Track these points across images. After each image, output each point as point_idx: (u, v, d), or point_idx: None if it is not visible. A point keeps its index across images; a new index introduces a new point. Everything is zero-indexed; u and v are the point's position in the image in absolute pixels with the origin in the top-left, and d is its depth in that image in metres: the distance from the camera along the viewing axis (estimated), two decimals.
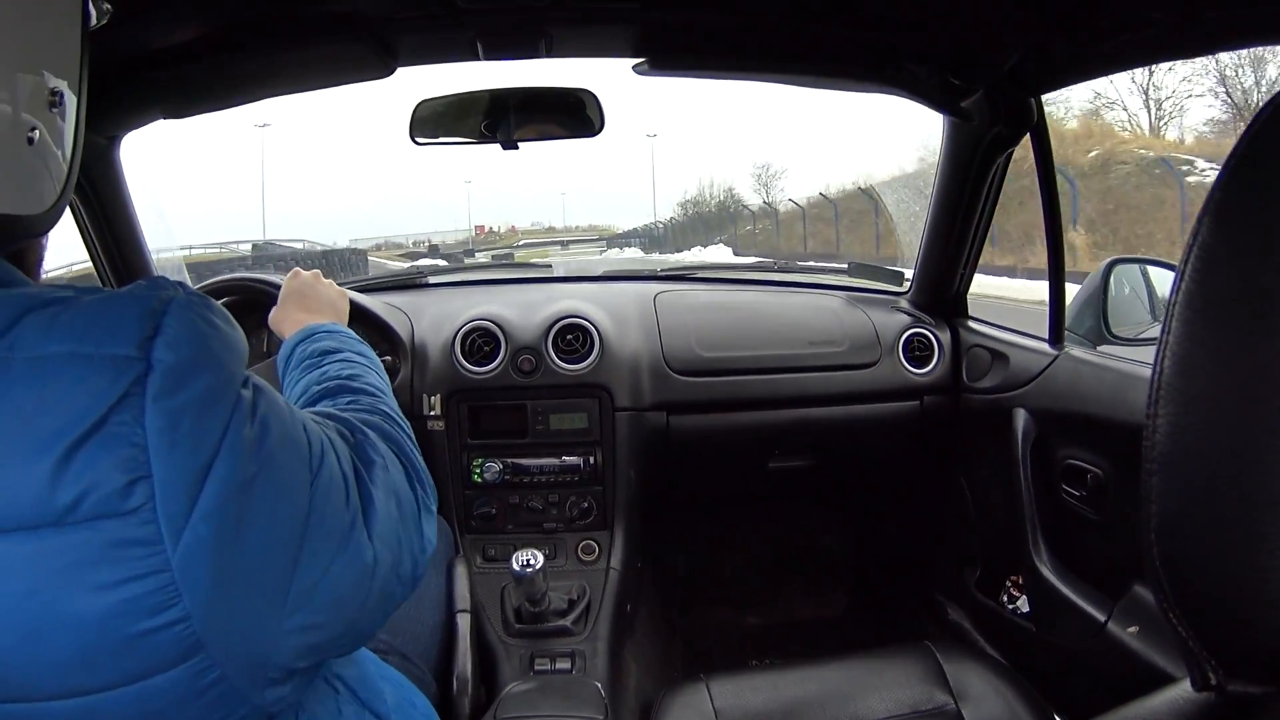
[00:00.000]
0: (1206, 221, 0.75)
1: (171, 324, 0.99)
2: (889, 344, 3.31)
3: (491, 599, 2.89)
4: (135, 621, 0.95)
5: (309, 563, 1.08)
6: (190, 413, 0.98)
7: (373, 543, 1.18)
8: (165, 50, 2.34)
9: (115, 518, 0.93)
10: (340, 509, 1.15)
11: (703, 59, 2.64)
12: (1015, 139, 2.81)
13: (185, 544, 0.96)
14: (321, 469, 1.13)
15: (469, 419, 3.10)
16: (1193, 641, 0.79)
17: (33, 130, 1.08)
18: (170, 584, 0.95)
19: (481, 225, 63.99)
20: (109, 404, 0.93)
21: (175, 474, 0.96)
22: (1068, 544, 2.82)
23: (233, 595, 1.01)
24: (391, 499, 1.27)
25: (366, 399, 1.58)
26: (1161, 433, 0.77)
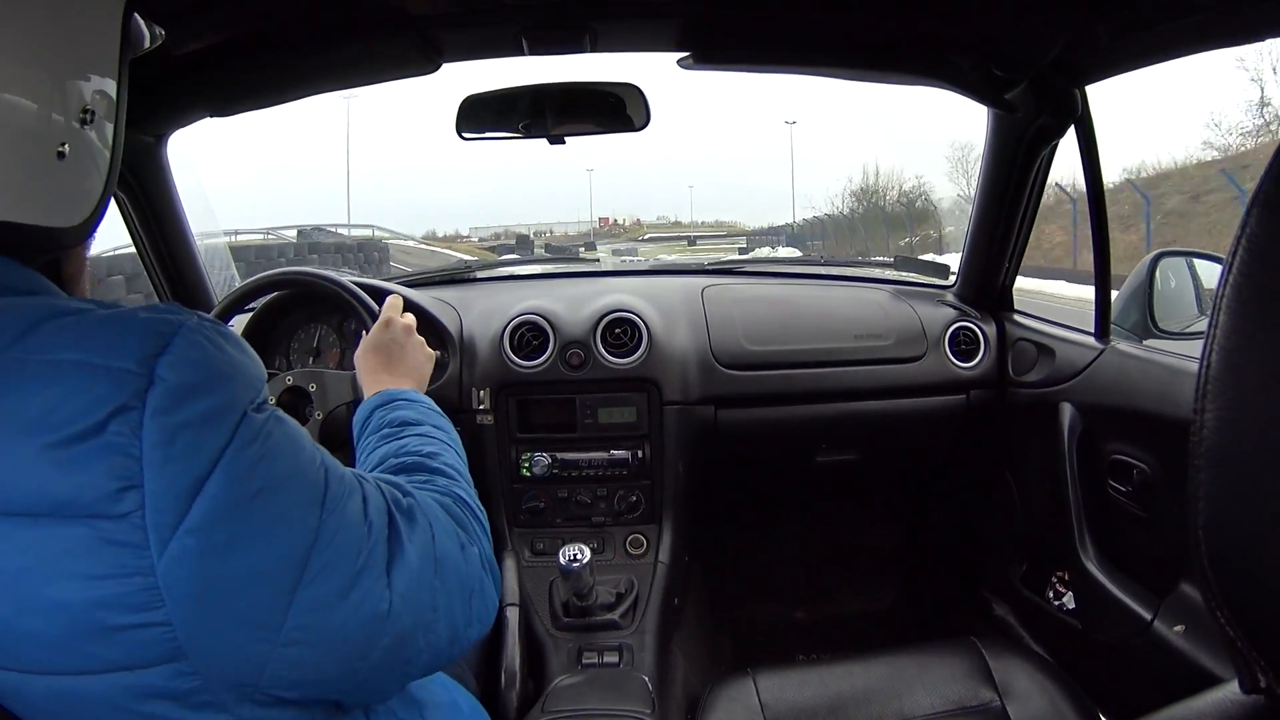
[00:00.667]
0: (1255, 213, 0.74)
1: (179, 344, 1.03)
2: (935, 337, 3.29)
3: (540, 592, 2.91)
4: (116, 614, 0.99)
5: (307, 597, 1.09)
6: (188, 431, 1.01)
7: (391, 594, 1.18)
8: (212, 50, 2.36)
9: (107, 518, 0.98)
10: (351, 552, 1.14)
11: (746, 53, 2.63)
12: (1060, 130, 2.78)
13: (171, 553, 0.99)
14: (336, 509, 1.14)
15: (518, 413, 3.11)
16: (1241, 642, 0.78)
17: (62, 145, 1.11)
18: (153, 587, 0.99)
19: (605, 217, 63.53)
20: (107, 412, 0.97)
21: (166, 487, 0.99)
22: (1114, 540, 2.80)
23: (218, 612, 1.04)
24: (430, 563, 1.26)
25: (442, 480, 1.56)
26: (1209, 429, 0.76)
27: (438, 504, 1.40)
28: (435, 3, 2.35)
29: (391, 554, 1.20)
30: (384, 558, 1.18)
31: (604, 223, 62.45)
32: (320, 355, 3.02)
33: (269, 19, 2.31)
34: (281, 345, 2.92)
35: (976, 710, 2.27)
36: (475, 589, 1.38)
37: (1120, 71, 2.51)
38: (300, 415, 2.46)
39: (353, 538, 1.15)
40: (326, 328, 3.02)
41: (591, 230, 60.18)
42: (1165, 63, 2.34)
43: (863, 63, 2.66)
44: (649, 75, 2.93)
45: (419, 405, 1.85)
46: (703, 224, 63.71)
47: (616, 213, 63.99)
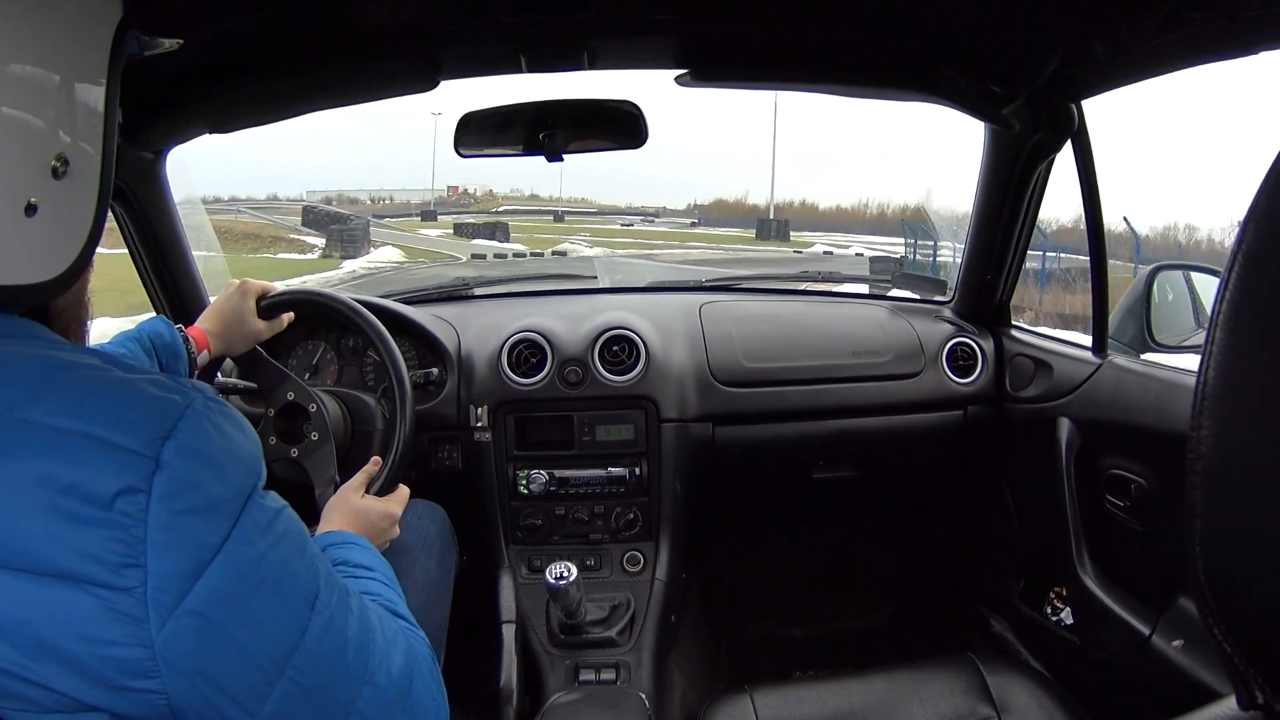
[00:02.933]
0: (1251, 228, 0.74)
1: (185, 429, 1.06)
2: (933, 354, 3.30)
3: (537, 610, 2.90)
4: (121, 677, 1.02)
5: (284, 690, 1.13)
6: (192, 518, 1.04)
7: (359, 708, 1.22)
8: (211, 67, 2.36)
9: (109, 589, 1.00)
10: (331, 658, 1.19)
11: (744, 70, 2.64)
12: (1057, 146, 2.79)
13: (169, 630, 1.02)
14: (324, 614, 1.19)
15: (515, 430, 3.11)
16: (1238, 658, 0.78)
17: (31, 199, 1.10)
18: (152, 659, 1.02)
19: (455, 186, 62.10)
20: (114, 491, 1.00)
21: (168, 569, 1.02)
22: (1111, 555, 2.80)
23: (207, 689, 1.07)
24: (405, 696, 1.32)
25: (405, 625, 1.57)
26: (1206, 445, 0.76)
27: (421, 654, 1.44)
28: (434, 21, 2.35)
29: (369, 672, 1.24)
30: (361, 674, 1.23)
31: (454, 191, 61.28)
32: (319, 372, 3.03)
33: (267, 36, 2.32)
34: (280, 360, 2.92)
35: None
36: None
37: (1117, 86, 2.52)
38: (297, 432, 2.47)
39: (333, 646, 1.19)
40: (325, 345, 3.03)
41: (434, 200, 58.75)
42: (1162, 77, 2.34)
43: (859, 79, 2.67)
44: (640, 85, 2.94)
45: (371, 552, 1.85)
46: (568, 200, 62.28)
47: (468, 182, 62.35)
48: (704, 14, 2.39)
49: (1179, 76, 2.33)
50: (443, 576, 2.50)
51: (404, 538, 2.44)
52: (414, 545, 2.47)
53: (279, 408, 2.50)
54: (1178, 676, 2.39)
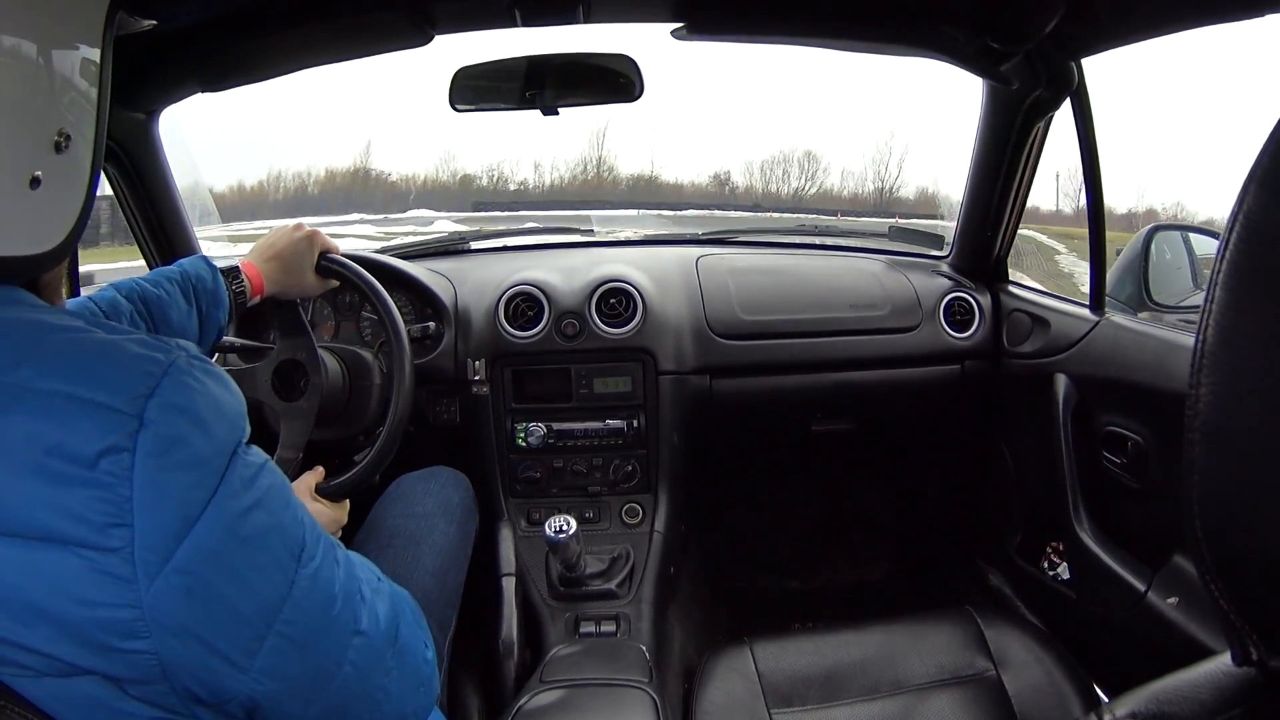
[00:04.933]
0: (1253, 189, 0.75)
1: (168, 386, 1.05)
2: (930, 308, 3.30)
3: (536, 563, 2.92)
4: (112, 638, 1.02)
5: (273, 645, 1.14)
6: (177, 474, 1.04)
7: (346, 660, 1.24)
8: (202, 24, 2.34)
9: (96, 550, 1.00)
10: (318, 611, 1.20)
11: (741, 23, 2.61)
12: (1056, 103, 2.78)
13: (157, 589, 1.02)
14: (310, 568, 1.19)
15: (513, 383, 3.11)
16: (1234, 615, 0.79)
17: (36, 173, 1.11)
18: (141, 619, 1.02)
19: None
20: (98, 450, 1.00)
21: (155, 527, 1.02)
22: (1108, 511, 2.81)
23: (197, 647, 1.08)
24: (391, 644, 1.33)
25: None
26: (1205, 402, 0.76)
27: (405, 599, 1.46)
28: None
29: (358, 620, 1.25)
30: (351, 623, 1.24)
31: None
32: (315, 328, 2.98)
33: None
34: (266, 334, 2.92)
35: (971, 679, 2.28)
36: (425, 684, 1.45)
37: (1117, 45, 2.50)
38: (293, 389, 2.46)
39: (321, 599, 1.20)
40: (321, 299, 3.01)
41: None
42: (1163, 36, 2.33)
43: (857, 34, 2.65)
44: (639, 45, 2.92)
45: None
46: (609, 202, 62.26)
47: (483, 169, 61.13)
48: None
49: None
50: (462, 542, 2.52)
51: (427, 503, 2.48)
52: (436, 511, 2.48)
53: (286, 359, 2.49)
54: (1172, 633, 2.41)
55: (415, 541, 2.35)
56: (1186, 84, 14.23)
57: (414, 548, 2.34)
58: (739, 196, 21.46)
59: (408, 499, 2.47)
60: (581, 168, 19.20)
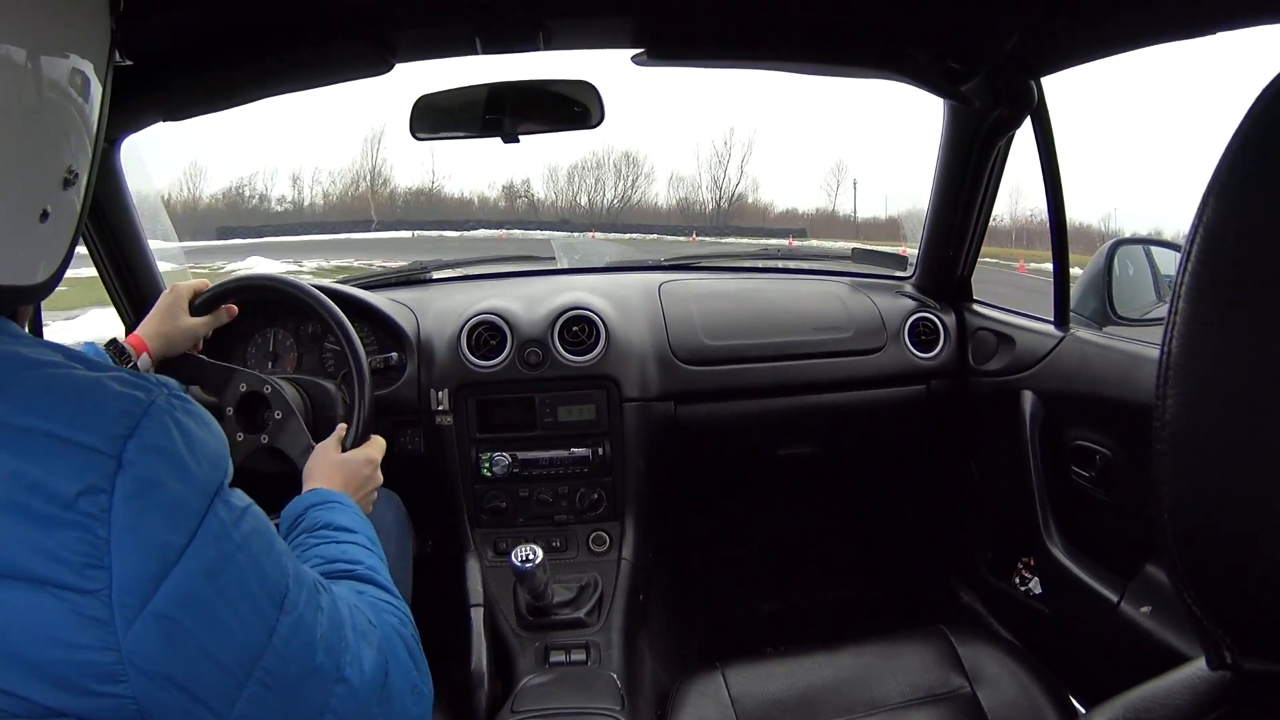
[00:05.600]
0: (1212, 201, 0.75)
1: (148, 427, 1.04)
2: (894, 329, 3.31)
3: (504, 593, 2.90)
4: (90, 681, 1.01)
5: (253, 693, 1.12)
6: (156, 518, 1.03)
7: (332, 707, 1.21)
8: (164, 53, 2.33)
9: (75, 592, 0.99)
10: (301, 659, 1.17)
11: (701, 48, 2.63)
12: (1016, 122, 2.81)
13: (135, 632, 1.01)
14: (293, 613, 1.17)
15: (477, 413, 3.09)
16: (1207, 620, 0.79)
17: (46, 207, 1.12)
18: (119, 663, 1.01)
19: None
20: (77, 490, 0.99)
21: (132, 571, 1.01)
22: (1078, 525, 2.82)
23: (175, 692, 1.06)
24: (377, 692, 1.30)
25: (394, 601, 1.58)
26: (1172, 412, 0.77)
27: (399, 638, 1.44)
28: (387, 3, 2.33)
29: (340, 669, 1.23)
30: (333, 672, 1.21)
31: None
32: (279, 360, 2.99)
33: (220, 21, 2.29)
34: (238, 349, 2.90)
35: (947, 697, 2.28)
36: (412, 694, 1.41)
37: (1076, 63, 2.54)
38: (260, 419, 2.45)
39: (303, 647, 1.18)
40: (284, 331, 3.00)
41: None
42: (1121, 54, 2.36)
43: (818, 56, 2.67)
44: (603, 71, 2.93)
45: (353, 511, 1.85)
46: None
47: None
48: None
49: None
50: (402, 562, 2.50)
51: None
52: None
53: (236, 402, 2.48)
54: (1146, 641, 2.42)
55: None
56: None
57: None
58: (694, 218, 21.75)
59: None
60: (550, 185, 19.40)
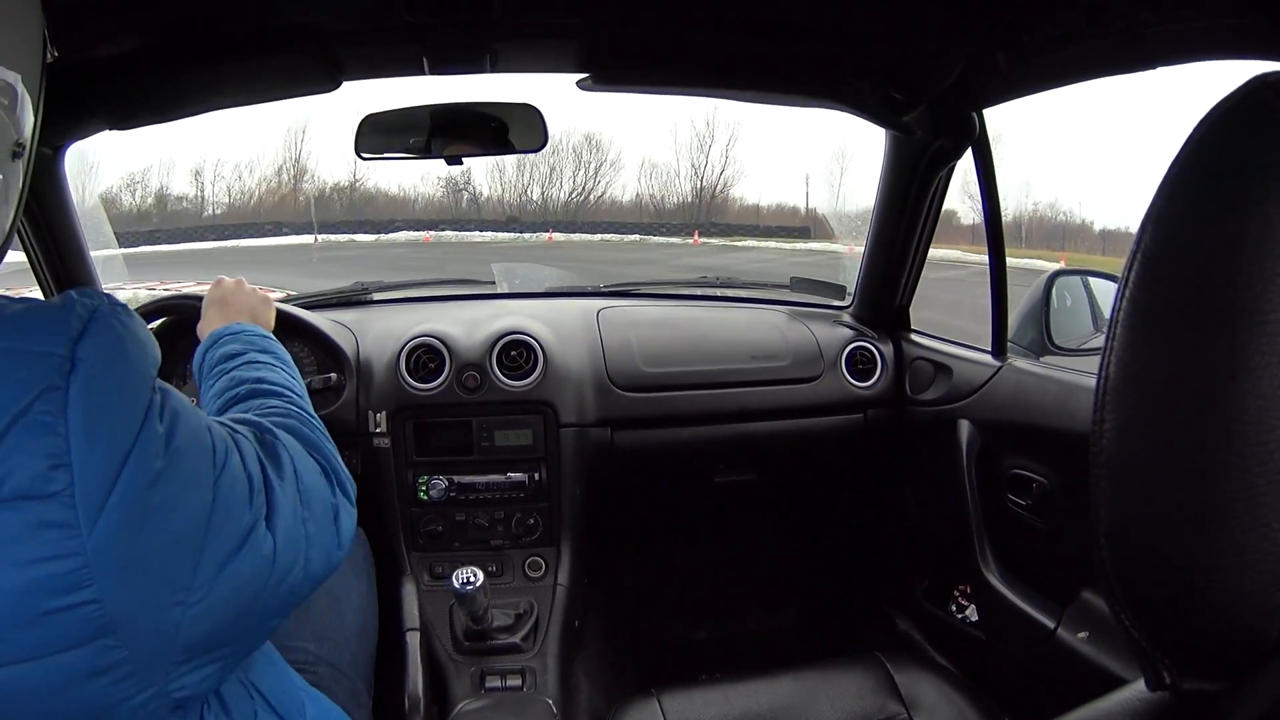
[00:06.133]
0: (1150, 229, 0.78)
1: (96, 328, 1.06)
2: (832, 358, 3.32)
3: (440, 617, 2.88)
4: (49, 598, 0.99)
5: (211, 555, 1.13)
6: (110, 408, 1.04)
7: (274, 538, 1.23)
8: (110, 61, 2.32)
9: (37, 500, 0.98)
10: (243, 506, 1.19)
11: (646, 74, 2.65)
12: (958, 152, 2.84)
13: (100, 529, 1.01)
14: (225, 468, 1.18)
15: (414, 436, 3.08)
16: (1145, 642, 0.80)
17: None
18: (84, 566, 1.00)
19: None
20: (34, 394, 0.99)
21: (94, 464, 1.01)
22: (1015, 553, 2.85)
23: (140, 581, 1.05)
24: (296, 496, 1.32)
25: (277, 401, 1.63)
26: (1109, 438, 0.79)
27: (290, 432, 1.47)
28: (335, 20, 2.33)
29: (270, 501, 1.25)
30: (264, 506, 1.24)
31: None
32: None
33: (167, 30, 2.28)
34: (178, 368, 2.88)
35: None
36: (337, 509, 1.46)
37: (1018, 96, 2.58)
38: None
39: (239, 493, 1.20)
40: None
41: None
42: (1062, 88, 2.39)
43: (761, 85, 2.69)
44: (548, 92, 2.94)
45: (243, 335, 1.90)
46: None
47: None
48: (608, 18, 2.40)
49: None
50: (371, 594, 2.51)
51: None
52: (347, 567, 2.44)
53: None
54: (1084, 666, 2.44)
55: (337, 601, 2.32)
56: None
57: (336, 608, 2.31)
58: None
59: None
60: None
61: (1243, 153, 0.73)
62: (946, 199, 3.05)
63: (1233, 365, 0.71)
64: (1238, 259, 0.71)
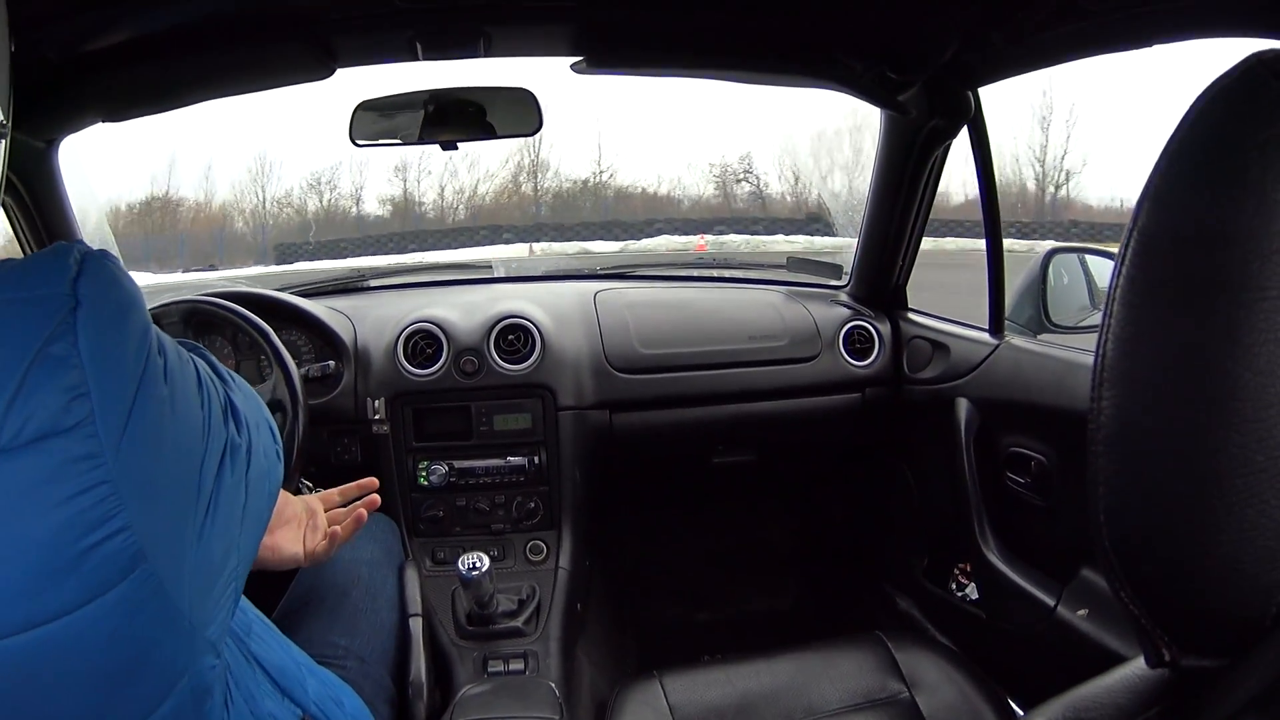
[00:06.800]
0: (1146, 206, 0.78)
1: (90, 267, 1.06)
2: (829, 337, 3.33)
3: (442, 602, 2.88)
4: (83, 535, 0.99)
5: (209, 467, 1.15)
6: (118, 336, 1.05)
7: (248, 439, 1.28)
8: (102, 52, 2.32)
9: (59, 435, 0.98)
10: (218, 419, 1.21)
11: (640, 56, 2.65)
12: (953, 131, 2.84)
13: (122, 454, 1.01)
14: (206, 389, 1.20)
15: (413, 422, 3.09)
16: (1145, 619, 0.81)
17: None
18: (112, 494, 1.00)
19: None
20: (45, 335, 0.99)
21: (111, 389, 1.02)
22: (1014, 531, 2.85)
23: (162, 501, 1.07)
24: (247, 402, 1.35)
25: None
26: (1106, 415, 0.79)
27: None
28: (328, 6, 2.32)
29: (234, 408, 1.29)
30: (231, 415, 1.27)
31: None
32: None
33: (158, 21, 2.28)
34: None
35: (885, 702, 2.29)
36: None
37: (1013, 74, 2.57)
38: None
39: (217, 407, 1.22)
40: (222, 339, 2.97)
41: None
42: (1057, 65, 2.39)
43: (756, 66, 2.69)
44: (543, 77, 2.94)
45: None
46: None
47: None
48: (601, 0, 2.39)
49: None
50: (389, 576, 2.52)
51: (371, 549, 2.49)
52: (381, 559, 2.50)
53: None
54: (1084, 644, 2.44)
55: (372, 596, 2.34)
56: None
57: (371, 604, 2.33)
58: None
59: (347, 543, 2.31)
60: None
61: (1239, 130, 0.73)
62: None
63: (1230, 342, 0.71)
64: (1234, 236, 0.71)
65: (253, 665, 1.46)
